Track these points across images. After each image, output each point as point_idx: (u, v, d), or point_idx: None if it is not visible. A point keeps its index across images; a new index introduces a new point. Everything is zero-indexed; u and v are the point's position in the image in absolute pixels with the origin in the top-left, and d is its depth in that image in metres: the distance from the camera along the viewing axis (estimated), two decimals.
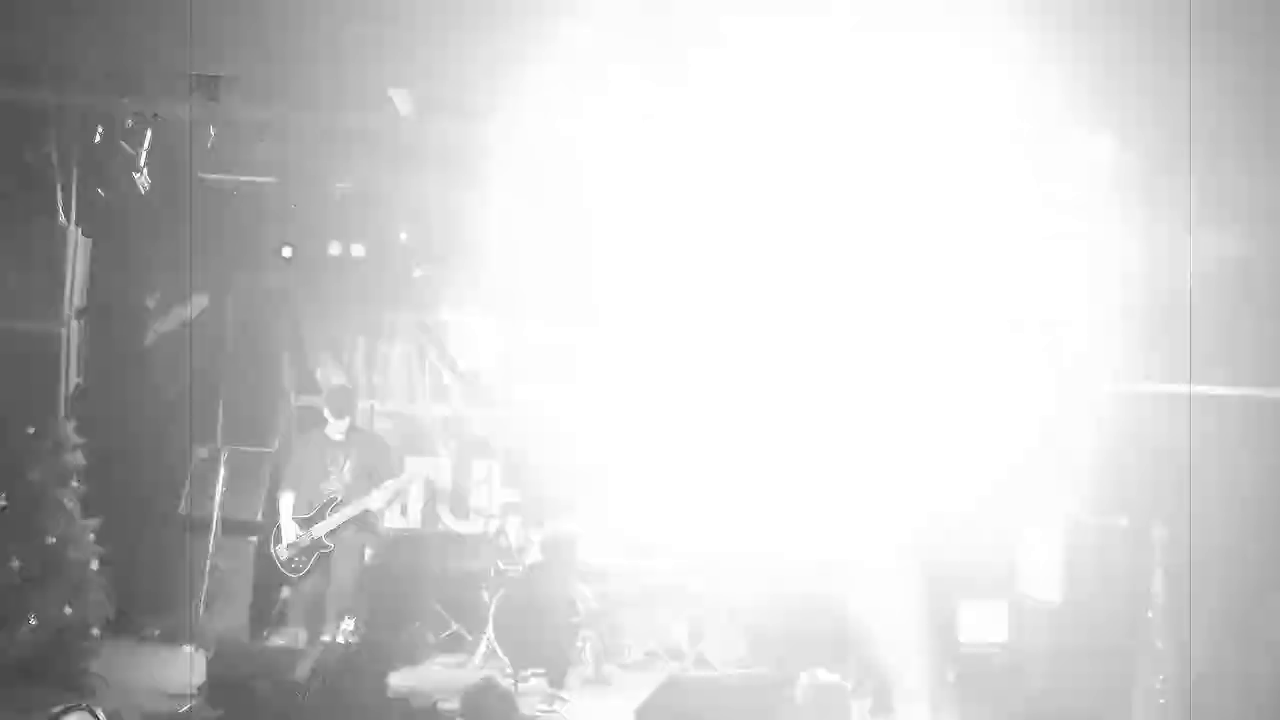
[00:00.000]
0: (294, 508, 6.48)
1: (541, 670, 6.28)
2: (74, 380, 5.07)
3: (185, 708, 5.68)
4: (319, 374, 8.37)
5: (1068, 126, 5.67)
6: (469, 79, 5.07)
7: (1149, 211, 5.89)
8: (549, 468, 7.49)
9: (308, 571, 6.36)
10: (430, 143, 6.30)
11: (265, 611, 7.50)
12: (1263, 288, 5.53)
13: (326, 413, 6.62)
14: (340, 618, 6.24)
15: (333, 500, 6.36)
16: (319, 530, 6.31)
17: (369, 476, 6.46)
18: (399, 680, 6.58)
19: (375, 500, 6.37)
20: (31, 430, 6.07)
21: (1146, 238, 5.94)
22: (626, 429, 8.35)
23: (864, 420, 7.31)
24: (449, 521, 8.08)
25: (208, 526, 6.31)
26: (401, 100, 5.60)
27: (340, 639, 6.41)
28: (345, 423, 6.57)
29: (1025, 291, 6.72)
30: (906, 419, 6.92)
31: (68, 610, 6.02)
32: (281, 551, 6.39)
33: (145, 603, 7.55)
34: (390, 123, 5.73)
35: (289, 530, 6.37)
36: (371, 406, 8.25)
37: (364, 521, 6.40)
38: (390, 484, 6.44)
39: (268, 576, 7.40)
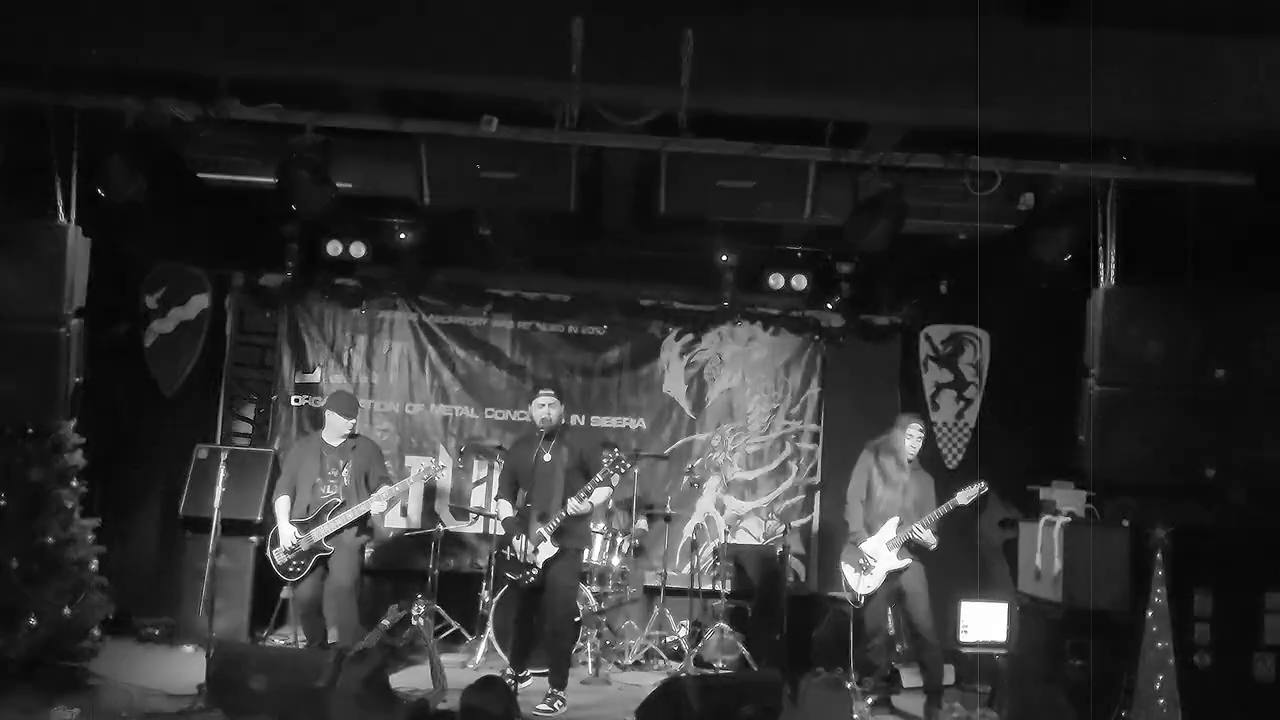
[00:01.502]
0: (291, 511, 6.45)
1: (542, 670, 6.28)
2: (74, 380, 5.04)
3: (185, 708, 5.69)
4: (319, 374, 8.38)
5: None
6: None
7: None
8: None
9: (306, 575, 6.34)
10: None
11: (265, 611, 7.51)
12: None
13: (328, 416, 6.60)
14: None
15: (331, 504, 6.33)
16: (318, 534, 6.30)
17: (366, 480, 6.44)
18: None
19: (375, 505, 6.35)
20: (31, 430, 6.08)
21: None
22: None
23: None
24: (448, 521, 8.08)
25: (208, 526, 6.30)
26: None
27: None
28: (348, 426, 6.54)
29: None
30: None
31: (67, 610, 6.02)
32: (279, 555, 6.37)
33: (145, 603, 7.57)
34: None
35: (286, 534, 6.35)
36: (371, 406, 8.27)
37: (363, 523, 6.39)
38: (388, 490, 6.40)
39: (268, 576, 7.40)
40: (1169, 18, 4.55)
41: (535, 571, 6.09)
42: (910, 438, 6.55)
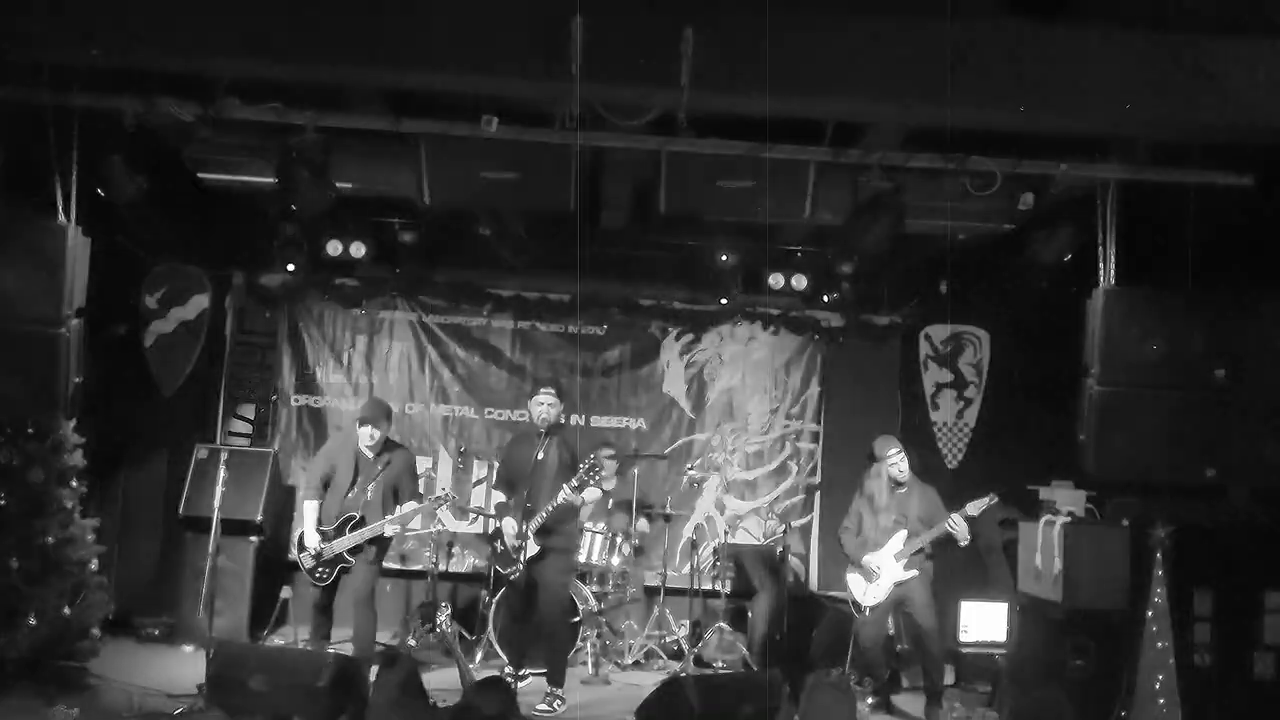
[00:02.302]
0: (319, 518, 6.32)
1: (542, 670, 6.28)
2: (74, 380, 5.04)
3: (185, 708, 5.69)
4: (319, 374, 8.39)
5: None
6: None
7: None
8: None
9: (331, 581, 6.26)
10: None
11: (265, 611, 7.51)
12: None
13: (359, 423, 6.38)
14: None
15: (352, 518, 6.23)
16: (339, 546, 6.20)
17: (395, 495, 6.33)
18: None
19: (389, 527, 6.23)
20: (31, 430, 6.08)
21: None
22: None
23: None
24: (448, 521, 8.08)
25: (208, 526, 6.30)
26: None
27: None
28: (378, 435, 6.38)
29: None
30: None
31: (68, 610, 6.02)
32: (306, 559, 6.27)
33: (145, 603, 7.58)
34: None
35: (312, 540, 6.24)
36: None
37: (380, 540, 6.30)
38: (406, 509, 6.29)
39: (268, 576, 7.41)
40: (1169, 18, 4.55)
41: (519, 567, 6.08)
42: (893, 466, 6.50)
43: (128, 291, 7.99)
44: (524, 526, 6.06)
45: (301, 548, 6.29)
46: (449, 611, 6.69)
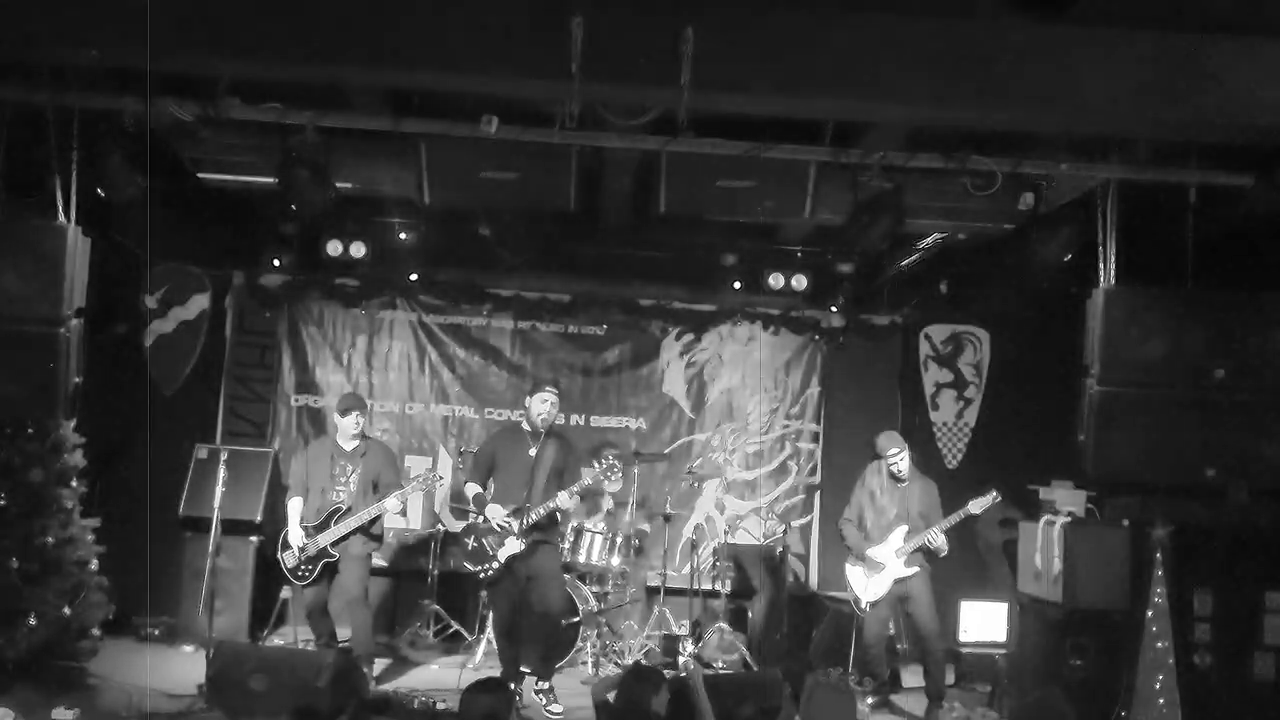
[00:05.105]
0: (301, 515, 6.40)
1: (536, 663, 6.28)
2: (74, 380, 5.04)
3: (185, 708, 5.69)
4: (319, 374, 8.38)
5: None
6: None
7: None
8: None
9: (314, 579, 6.30)
10: None
11: (265, 611, 7.51)
12: None
13: (337, 419, 6.55)
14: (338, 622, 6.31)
15: (338, 510, 6.29)
16: (324, 539, 6.24)
17: (375, 487, 6.40)
18: (400, 681, 6.61)
19: (376, 509, 6.28)
20: (31, 430, 6.07)
21: None
22: None
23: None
24: (448, 522, 8.08)
25: (208, 526, 6.30)
26: None
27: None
28: (354, 426, 6.50)
29: None
30: None
31: (67, 610, 6.02)
32: (289, 558, 6.32)
33: (145, 603, 7.57)
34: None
35: (296, 536, 6.31)
36: (371, 406, 8.27)
37: (368, 530, 6.34)
38: (394, 501, 6.34)
39: (268, 576, 7.41)
40: (1169, 18, 4.55)
41: (495, 565, 6.09)
42: (895, 465, 6.52)
43: (128, 291, 7.99)
44: (506, 524, 6.08)
45: (285, 546, 6.33)
46: (694, 655, 5.91)
